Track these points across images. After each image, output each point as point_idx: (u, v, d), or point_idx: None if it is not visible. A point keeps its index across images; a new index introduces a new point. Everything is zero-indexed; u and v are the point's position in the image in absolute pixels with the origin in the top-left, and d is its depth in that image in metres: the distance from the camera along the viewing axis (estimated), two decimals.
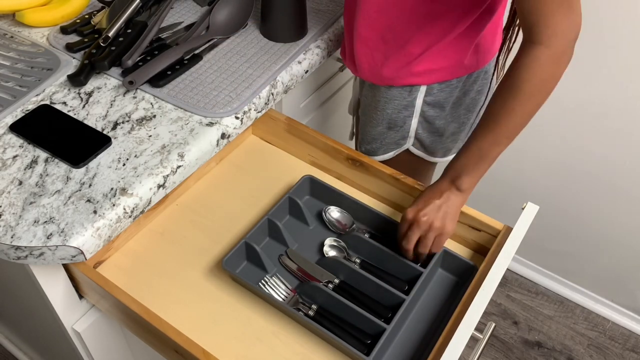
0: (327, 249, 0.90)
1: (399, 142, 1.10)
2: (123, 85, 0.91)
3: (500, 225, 0.89)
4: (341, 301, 0.80)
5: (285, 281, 0.86)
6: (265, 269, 0.87)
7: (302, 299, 0.83)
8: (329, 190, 0.95)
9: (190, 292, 0.86)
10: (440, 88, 1.00)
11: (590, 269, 1.74)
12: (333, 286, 0.85)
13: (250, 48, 1.05)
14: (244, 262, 0.89)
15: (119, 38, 0.98)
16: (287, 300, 0.84)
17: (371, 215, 0.93)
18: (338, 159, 1.01)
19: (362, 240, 0.89)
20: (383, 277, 0.86)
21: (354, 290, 0.85)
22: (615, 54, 1.29)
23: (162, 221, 0.95)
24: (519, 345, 1.72)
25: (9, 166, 0.83)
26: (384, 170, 0.96)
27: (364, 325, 0.80)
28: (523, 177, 1.65)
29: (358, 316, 0.79)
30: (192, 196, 1.00)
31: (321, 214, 0.95)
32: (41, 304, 0.89)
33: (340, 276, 0.86)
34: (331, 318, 0.81)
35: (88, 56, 0.96)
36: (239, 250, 0.86)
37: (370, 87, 1.07)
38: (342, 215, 0.94)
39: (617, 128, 1.41)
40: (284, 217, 0.95)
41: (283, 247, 0.91)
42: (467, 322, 0.75)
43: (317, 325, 0.78)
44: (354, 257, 0.90)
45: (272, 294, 0.84)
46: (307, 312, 0.82)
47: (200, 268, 0.88)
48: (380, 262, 0.89)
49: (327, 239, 0.91)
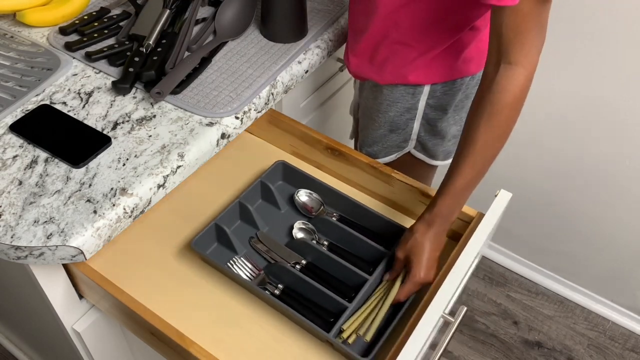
0: (296, 232, 0.93)
1: (400, 144, 1.10)
2: (151, 97, 0.91)
3: (473, 212, 0.90)
4: (306, 281, 0.83)
5: (255, 262, 0.89)
6: (236, 250, 0.90)
7: (269, 279, 0.86)
8: (301, 175, 0.98)
9: (159, 270, 0.88)
10: (443, 90, 1.00)
11: (590, 269, 1.74)
12: (300, 267, 0.88)
13: (250, 48, 1.05)
14: (215, 244, 0.91)
15: (157, 48, 0.99)
16: (253, 279, 0.86)
17: (341, 200, 0.95)
18: (317, 149, 1.02)
19: (330, 223, 0.92)
20: (349, 258, 0.88)
21: (321, 271, 0.88)
22: (613, 53, 1.29)
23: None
24: (519, 345, 1.72)
25: (9, 166, 0.83)
26: (362, 159, 0.97)
27: (328, 304, 0.82)
28: (523, 177, 1.65)
29: (322, 295, 0.82)
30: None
31: (293, 199, 0.97)
32: (41, 304, 0.89)
33: (308, 258, 0.89)
34: (297, 297, 0.84)
35: (130, 64, 0.96)
36: (209, 232, 0.89)
37: (371, 90, 1.07)
38: (310, 199, 0.97)
39: (617, 128, 1.41)
40: (256, 201, 0.98)
41: (254, 230, 0.94)
42: (436, 305, 0.75)
43: (281, 303, 0.80)
44: (322, 239, 0.92)
45: (240, 274, 0.86)
46: (274, 292, 0.84)
47: (171, 250, 0.91)
48: (347, 244, 0.91)
49: (297, 222, 0.94)
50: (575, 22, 1.29)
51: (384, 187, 0.98)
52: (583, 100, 1.41)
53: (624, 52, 1.28)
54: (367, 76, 1.04)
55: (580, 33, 1.30)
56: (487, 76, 0.81)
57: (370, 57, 1.01)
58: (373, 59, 1.00)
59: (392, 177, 0.95)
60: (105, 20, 1.06)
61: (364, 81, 1.10)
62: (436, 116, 1.04)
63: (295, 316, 0.79)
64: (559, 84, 1.41)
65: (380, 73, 1.01)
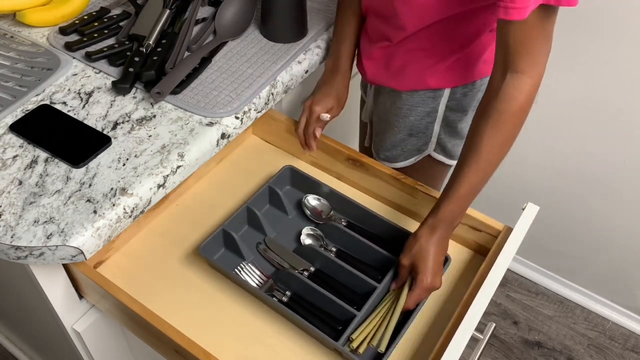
0: (304, 238, 0.92)
1: (420, 148, 1.09)
2: (151, 97, 0.91)
3: (500, 226, 0.89)
4: (314, 288, 0.82)
5: (262, 268, 0.88)
6: (243, 256, 0.89)
7: (277, 286, 0.85)
8: (309, 180, 0.97)
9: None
10: (464, 92, 0.99)
11: (590, 269, 1.74)
12: (308, 274, 0.87)
13: (250, 48, 1.05)
14: (222, 249, 0.91)
15: (157, 48, 0.98)
16: (261, 286, 0.85)
17: (349, 206, 0.94)
18: (338, 159, 1.01)
19: (338, 229, 0.91)
20: (358, 265, 0.87)
21: (329, 278, 0.87)
22: (615, 54, 1.29)
23: (162, 221, 0.96)
24: (519, 345, 1.72)
25: (9, 166, 0.83)
26: (384, 170, 0.96)
27: (337, 312, 0.81)
28: (523, 177, 1.65)
29: (330, 303, 0.81)
30: (191, 196, 1.00)
31: (301, 204, 0.97)
32: (41, 304, 0.89)
33: (316, 264, 0.88)
34: (305, 305, 0.83)
35: (130, 64, 0.95)
36: (217, 238, 0.88)
37: (389, 95, 1.05)
38: (319, 204, 0.96)
39: (616, 128, 1.41)
40: (263, 206, 0.97)
41: (262, 236, 0.93)
42: (468, 323, 0.75)
43: (288, 310, 0.80)
44: (330, 245, 0.92)
45: (248, 281, 0.85)
46: (281, 299, 0.84)
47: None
48: (356, 251, 0.90)
49: (305, 227, 0.93)
50: (576, 23, 1.29)
51: (406, 199, 0.96)
52: (582, 100, 1.41)
53: (625, 52, 1.28)
54: (385, 83, 1.03)
55: (580, 33, 1.30)
56: (493, 84, 0.82)
57: (386, 64, 1.00)
58: (389, 65, 0.99)
59: (415, 190, 0.94)
60: (105, 20, 1.06)
61: (379, 86, 1.08)
62: (456, 117, 1.03)
63: (302, 324, 0.79)
64: (560, 83, 1.41)
65: (399, 80, 1.00)
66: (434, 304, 0.86)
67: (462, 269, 0.91)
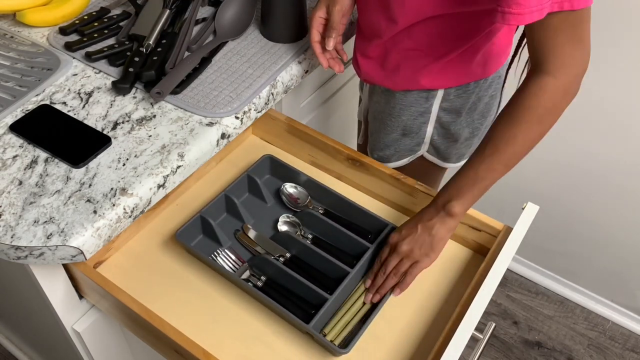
0: (280, 225, 0.94)
1: (413, 148, 1.09)
2: (151, 97, 0.91)
3: (500, 226, 0.89)
4: (288, 273, 0.84)
5: (239, 254, 0.90)
6: (220, 242, 0.91)
7: (252, 271, 0.87)
8: (287, 169, 0.99)
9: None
10: (457, 94, 0.99)
11: (590, 269, 1.74)
12: (284, 260, 0.89)
13: (250, 48, 1.05)
14: (200, 236, 0.93)
15: (157, 48, 0.98)
16: (237, 271, 0.87)
17: (327, 194, 0.96)
18: (338, 159, 1.01)
19: (315, 216, 0.93)
20: (333, 252, 0.89)
21: (304, 264, 0.89)
22: (615, 54, 1.29)
23: (162, 221, 0.96)
24: (519, 345, 1.72)
25: (9, 166, 0.83)
26: (383, 170, 0.96)
27: (310, 296, 0.83)
28: (523, 177, 1.65)
29: (304, 287, 0.83)
30: (191, 196, 1.00)
31: (279, 193, 0.98)
32: (41, 304, 0.89)
33: (292, 250, 0.90)
34: (279, 289, 0.85)
35: (130, 64, 0.95)
36: (194, 224, 0.90)
37: (383, 94, 1.05)
38: (296, 192, 0.98)
39: (617, 128, 1.41)
40: (242, 194, 0.99)
41: (240, 223, 0.95)
42: (468, 322, 0.75)
43: (262, 295, 0.81)
44: (307, 232, 0.93)
45: (224, 266, 0.87)
46: (256, 284, 0.85)
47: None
48: (332, 238, 0.92)
49: (282, 215, 0.95)
50: None
51: (406, 199, 0.97)
52: (582, 100, 1.41)
53: (627, 51, 1.28)
54: (379, 82, 1.03)
55: None
56: (524, 80, 0.82)
57: (382, 63, 1.00)
58: (384, 64, 0.99)
59: (415, 189, 0.94)
60: (105, 20, 1.06)
61: (373, 85, 1.09)
62: (450, 119, 1.03)
63: (276, 307, 0.80)
64: None
65: (393, 79, 1.00)
66: (434, 304, 0.86)
67: (461, 269, 0.91)
